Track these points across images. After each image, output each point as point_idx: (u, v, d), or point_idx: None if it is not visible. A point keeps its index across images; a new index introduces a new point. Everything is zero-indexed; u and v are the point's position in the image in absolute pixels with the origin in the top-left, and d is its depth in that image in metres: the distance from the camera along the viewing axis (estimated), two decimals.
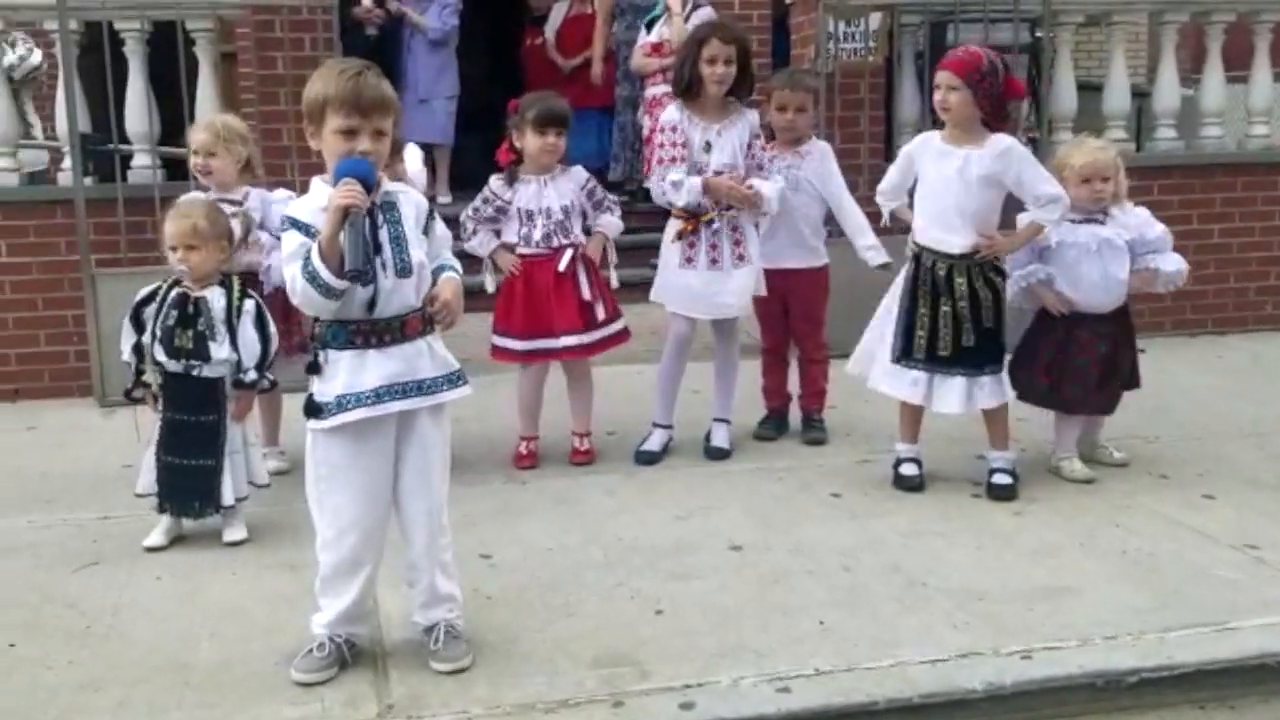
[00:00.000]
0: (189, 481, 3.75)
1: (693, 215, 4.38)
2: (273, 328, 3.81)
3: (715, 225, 4.38)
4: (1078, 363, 4.23)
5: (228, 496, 3.76)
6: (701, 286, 4.43)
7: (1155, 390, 4.43)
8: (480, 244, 4.42)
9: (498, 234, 4.44)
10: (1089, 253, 4.19)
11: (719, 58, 4.28)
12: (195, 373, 3.74)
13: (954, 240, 4.02)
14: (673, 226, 4.45)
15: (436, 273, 2.91)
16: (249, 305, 3.75)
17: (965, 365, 4.05)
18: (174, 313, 3.72)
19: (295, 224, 2.74)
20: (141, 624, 3.20)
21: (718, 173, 4.35)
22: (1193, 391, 5.51)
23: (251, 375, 3.75)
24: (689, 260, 4.42)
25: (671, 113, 4.41)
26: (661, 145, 4.41)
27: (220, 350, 3.72)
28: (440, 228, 2.97)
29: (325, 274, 2.65)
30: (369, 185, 2.68)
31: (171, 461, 3.76)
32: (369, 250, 2.72)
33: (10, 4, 5.96)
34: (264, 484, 3.90)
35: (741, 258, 4.42)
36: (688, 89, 4.37)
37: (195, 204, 3.92)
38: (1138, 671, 2.88)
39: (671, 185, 4.30)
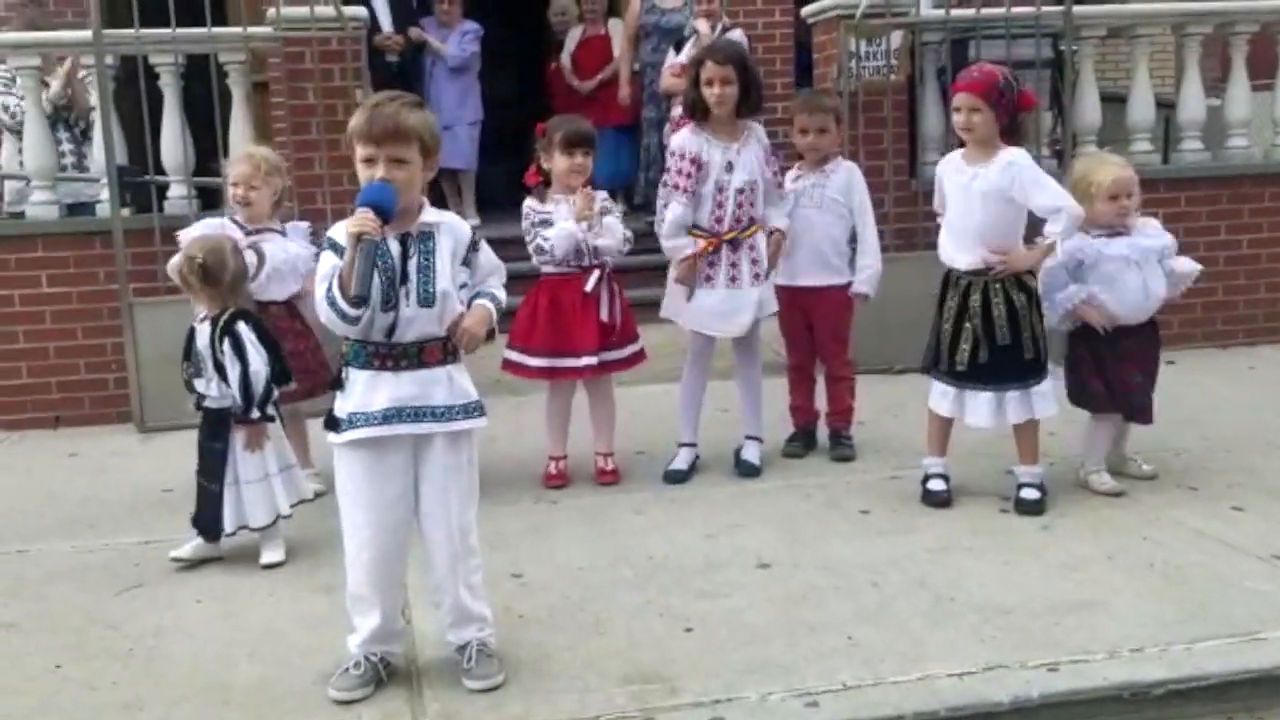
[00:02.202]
0: (204, 503, 3.85)
1: (714, 235, 4.44)
2: (256, 363, 3.78)
3: (738, 244, 4.45)
4: (1125, 373, 4.24)
5: (228, 523, 3.82)
6: (719, 305, 4.48)
7: (1185, 402, 4.44)
8: (559, 233, 4.37)
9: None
10: (1130, 264, 4.20)
11: (715, 79, 4.35)
12: (202, 403, 3.85)
13: (962, 256, 4.08)
14: (690, 247, 4.46)
15: (476, 296, 2.97)
16: (226, 345, 3.76)
17: (987, 380, 4.08)
18: (183, 345, 3.87)
19: (333, 246, 2.82)
20: (182, 645, 3.28)
21: (739, 190, 4.41)
22: (1223, 403, 5.49)
23: (240, 412, 3.79)
24: (708, 279, 4.46)
25: (688, 138, 4.45)
26: (670, 170, 4.50)
27: (207, 387, 3.80)
28: (485, 259, 3.01)
29: (341, 301, 2.74)
30: (386, 212, 2.74)
31: (200, 482, 3.87)
32: (394, 277, 2.79)
33: (49, 40, 6.10)
34: (286, 514, 3.91)
35: (757, 276, 4.48)
36: (696, 112, 4.45)
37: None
38: (1165, 683, 2.89)
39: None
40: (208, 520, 3.85)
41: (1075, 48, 6.65)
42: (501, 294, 3.05)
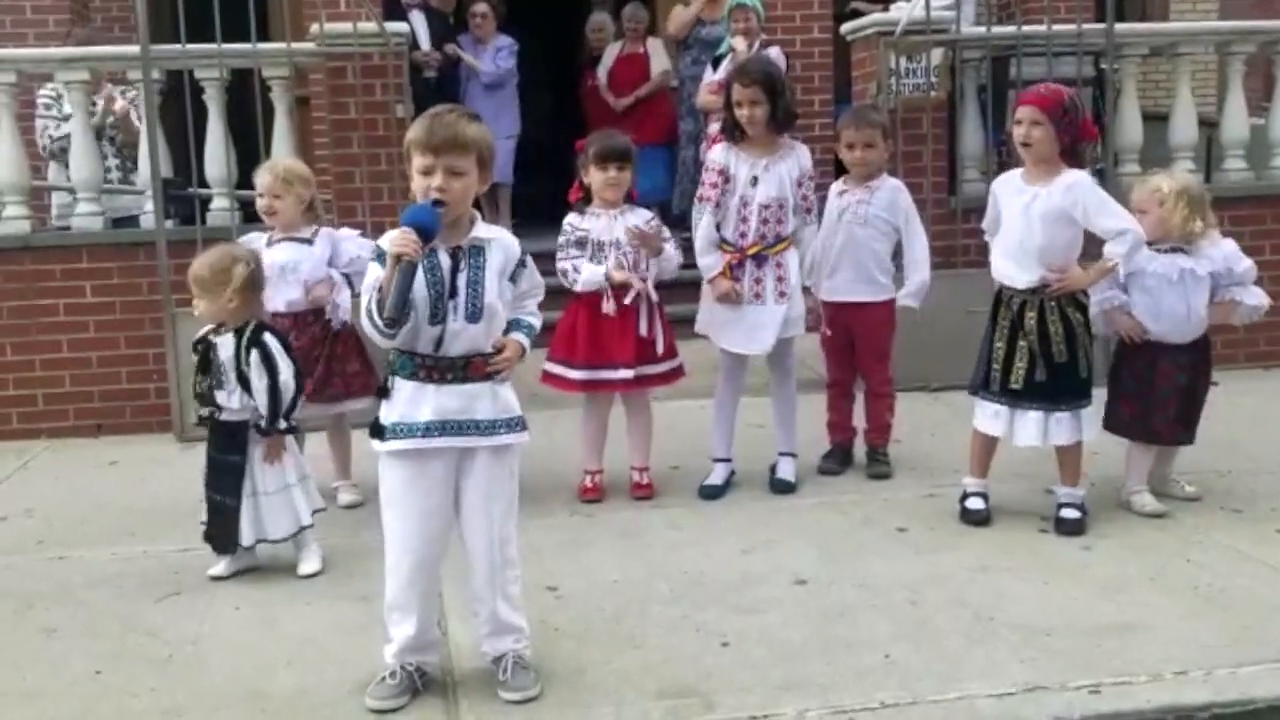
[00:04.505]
0: (220, 518, 3.85)
1: (738, 250, 4.47)
2: (285, 374, 3.78)
3: (763, 261, 4.46)
4: (1160, 393, 4.21)
5: (247, 537, 3.82)
6: (742, 321, 4.51)
7: (1228, 424, 4.38)
8: (589, 277, 4.43)
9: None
10: (1170, 282, 4.17)
11: (743, 101, 4.40)
12: (216, 416, 3.85)
13: (1020, 276, 4.04)
14: (721, 262, 4.50)
15: (512, 325, 2.99)
16: (254, 356, 3.76)
17: (1040, 399, 4.04)
18: (195, 359, 3.87)
19: (380, 256, 2.83)
20: (220, 653, 3.30)
21: (764, 205, 4.44)
22: (1266, 425, 5.42)
23: (264, 423, 3.79)
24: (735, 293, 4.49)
25: (719, 152, 4.54)
26: (702, 184, 4.56)
27: (229, 399, 3.80)
28: (529, 279, 3.03)
29: (376, 317, 2.76)
30: (429, 233, 2.75)
31: (211, 497, 3.88)
32: (443, 291, 2.82)
33: (98, 55, 6.19)
34: (307, 524, 3.90)
35: (783, 294, 4.48)
36: (731, 133, 4.50)
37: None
38: (1209, 707, 2.84)
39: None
40: (219, 534, 3.85)
41: (1117, 66, 6.61)
42: (537, 321, 3.09)
